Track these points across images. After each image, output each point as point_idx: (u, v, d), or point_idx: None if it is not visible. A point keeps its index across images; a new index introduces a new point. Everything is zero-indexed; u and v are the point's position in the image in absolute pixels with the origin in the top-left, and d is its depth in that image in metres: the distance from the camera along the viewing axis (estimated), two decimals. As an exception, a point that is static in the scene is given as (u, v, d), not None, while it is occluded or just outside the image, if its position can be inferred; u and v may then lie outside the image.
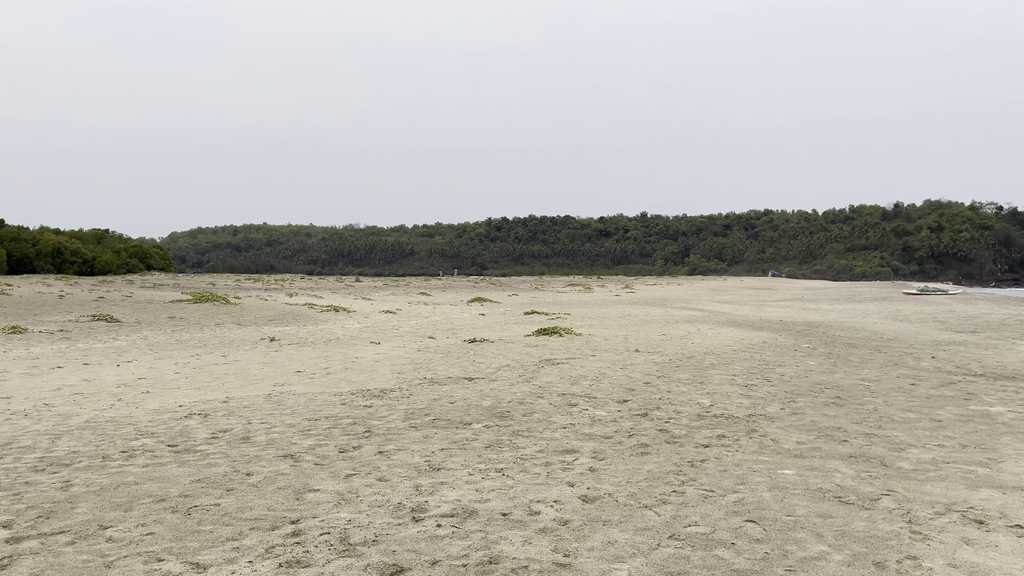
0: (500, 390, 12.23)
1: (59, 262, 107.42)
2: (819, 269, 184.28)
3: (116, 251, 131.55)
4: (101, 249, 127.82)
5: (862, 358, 17.90)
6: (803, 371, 15.46)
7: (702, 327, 26.57)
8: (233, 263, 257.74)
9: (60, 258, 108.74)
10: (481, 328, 25.50)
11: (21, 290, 40.50)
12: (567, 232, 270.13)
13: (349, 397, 11.57)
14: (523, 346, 19.11)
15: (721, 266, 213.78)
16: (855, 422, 10.57)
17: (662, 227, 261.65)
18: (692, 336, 22.78)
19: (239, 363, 15.74)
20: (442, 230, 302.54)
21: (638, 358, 16.86)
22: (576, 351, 18.00)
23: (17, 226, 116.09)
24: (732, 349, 19.21)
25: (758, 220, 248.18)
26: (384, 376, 13.71)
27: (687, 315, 33.94)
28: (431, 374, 13.95)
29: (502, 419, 10.14)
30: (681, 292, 66.52)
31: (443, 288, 64.31)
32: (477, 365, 15.14)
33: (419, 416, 10.19)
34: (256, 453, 8.15)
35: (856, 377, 14.76)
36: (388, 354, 17.31)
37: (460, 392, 12.02)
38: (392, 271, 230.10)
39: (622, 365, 15.63)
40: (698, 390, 12.83)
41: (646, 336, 22.56)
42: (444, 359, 16.24)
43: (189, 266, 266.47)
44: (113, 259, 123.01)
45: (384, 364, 15.40)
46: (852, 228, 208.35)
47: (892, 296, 62.67)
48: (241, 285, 63.40)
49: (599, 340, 20.91)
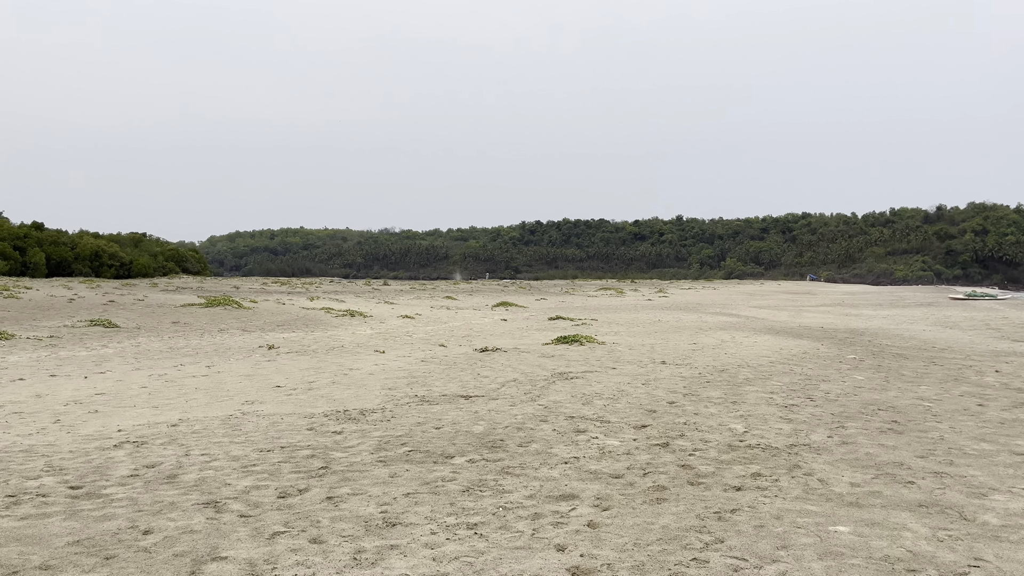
0: (498, 412, 10.56)
1: (97, 265, 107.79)
2: (858, 273, 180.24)
3: (153, 254, 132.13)
4: (138, 252, 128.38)
5: (916, 372, 15.99)
6: (851, 387, 13.62)
7: (737, 335, 24.70)
8: (270, 266, 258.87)
9: (98, 261, 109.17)
10: (499, 335, 23.86)
11: (36, 293, 39.59)
12: (601, 235, 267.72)
13: (321, 420, 9.97)
14: (538, 356, 17.43)
15: (758, 270, 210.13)
16: (919, 455, 8.77)
17: (698, 230, 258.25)
18: (725, 345, 20.95)
19: (220, 375, 14.24)
20: (476, 234, 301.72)
21: (664, 371, 15.11)
22: (595, 363, 16.28)
23: (56, 230, 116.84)
24: (769, 360, 17.38)
25: (796, 223, 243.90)
26: (372, 393, 12.10)
27: (721, 321, 32.03)
28: (425, 390, 12.32)
29: (492, 450, 8.47)
30: (716, 297, 64.40)
31: (470, 292, 62.76)
32: (480, 380, 13.49)
33: (393, 446, 8.56)
34: (174, 499, 6.56)
35: (913, 395, 12.89)
36: (388, 365, 15.72)
37: (451, 414, 10.37)
38: (426, 275, 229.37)
39: (645, 380, 13.89)
40: (730, 412, 11.07)
41: (675, 345, 20.77)
42: (446, 372, 14.61)
43: (227, 269, 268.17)
44: (150, 262, 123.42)
45: (377, 378, 13.80)
46: (893, 231, 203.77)
47: (938, 301, 60.07)
48: (266, 288, 62.35)
49: (623, 350, 19.17)
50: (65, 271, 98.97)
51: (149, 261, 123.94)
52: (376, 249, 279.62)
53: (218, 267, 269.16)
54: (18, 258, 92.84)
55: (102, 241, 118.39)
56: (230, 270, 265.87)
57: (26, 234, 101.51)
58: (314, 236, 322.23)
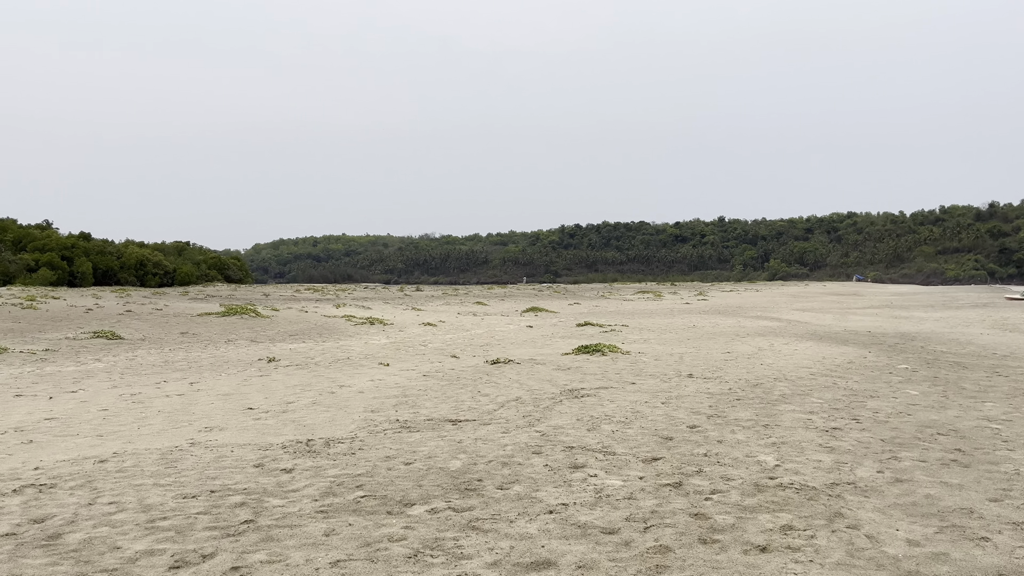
0: (486, 441, 9.07)
1: (142, 274, 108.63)
2: (907, 273, 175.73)
3: (196, 263, 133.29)
4: (182, 261, 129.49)
5: (979, 385, 14.18)
6: (903, 405, 11.91)
7: (776, 341, 22.93)
8: (312, 273, 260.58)
9: (143, 270, 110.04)
10: (519, 344, 22.38)
11: (59, 303, 39.00)
12: (642, 238, 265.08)
13: (276, 453, 8.56)
14: (552, 369, 15.90)
15: (802, 271, 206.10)
16: (992, 498, 7.12)
17: (740, 231, 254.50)
18: (763, 354, 19.24)
19: (197, 394, 12.93)
20: (515, 238, 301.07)
21: (689, 387, 13.49)
22: (614, 377, 14.71)
23: (103, 240, 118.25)
24: (810, 372, 15.66)
25: (841, 223, 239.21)
26: (350, 417, 10.67)
27: (761, 326, 30.19)
28: (412, 413, 10.86)
29: (464, 495, 6.99)
30: (758, 299, 62.22)
31: (502, 297, 61.30)
32: (479, 400, 11.99)
33: (345, 490, 7.11)
34: (34, 573, 5.17)
35: (977, 415, 11.15)
36: (385, 381, 14.32)
37: (430, 444, 8.90)
38: (466, 279, 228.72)
39: (666, 398, 12.30)
40: (761, 438, 9.46)
41: (707, 354, 19.10)
42: (445, 389, 13.14)
43: (271, 276, 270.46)
44: (193, 270, 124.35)
45: (366, 397, 12.38)
46: (943, 230, 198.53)
47: (993, 302, 57.30)
48: (296, 296, 61.53)
49: (647, 360, 17.57)
50: (111, 280, 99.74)
51: (192, 269, 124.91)
52: (416, 255, 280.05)
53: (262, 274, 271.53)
54: (65, 268, 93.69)
55: (147, 250, 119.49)
56: (274, 277, 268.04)
57: (73, 244, 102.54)
58: (356, 243, 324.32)
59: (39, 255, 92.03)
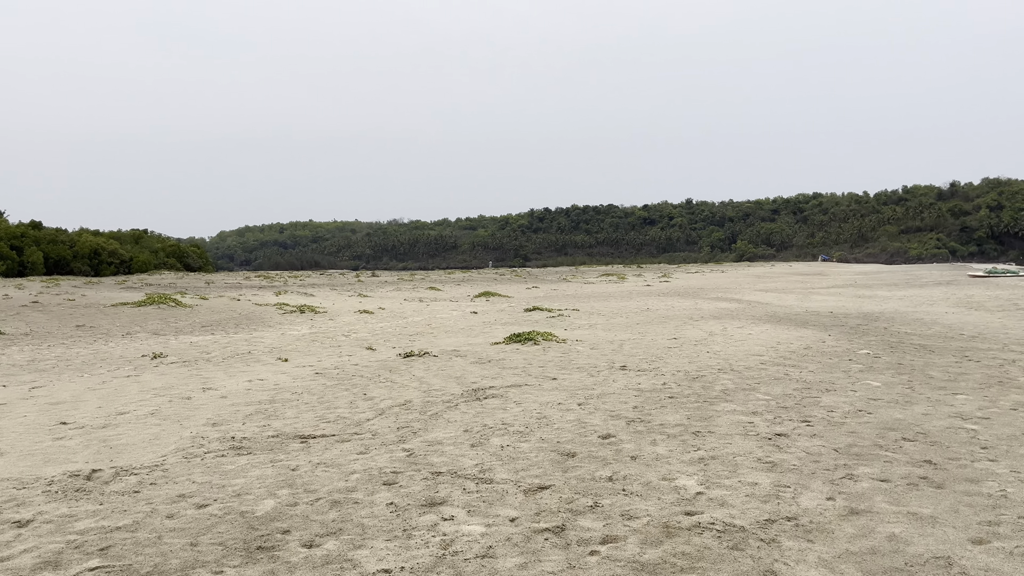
0: (330, 466, 7.05)
1: (96, 263, 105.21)
2: (872, 253, 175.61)
3: (154, 251, 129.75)
4: (139, 249, 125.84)
5: (948, 372, 12.39)
6: (863, 400, 10.06)
7: (730, 325, 21.10)
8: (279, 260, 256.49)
9: (97, 259, 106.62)
10: (454, 332, 20.38)
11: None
12: (610, 221, 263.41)
13: (33, 492, 6.41)
14: (471, 362, 13.91)
15: (769, 252, 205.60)
16: (976, 538, 5.27)
17: (708, 213, 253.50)
18: (712, 339, 17.38)
19: (24, 403, 10.78)
20: (484, 222, 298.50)
21: (618, 382, 11.55)
22: (536, 371, 12.74)
23: (55, 228, 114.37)
24: (761, 361, 13.79)
25: (807, 204, 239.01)
26: (179, 433, 8.57)
27: (718, 308, 28.41)
28: (261, 426, 8.78)
29: (249, 559, 4.97)
30: (722, 280, 60.64)
31: (459, 282, 59.13)
32: (357, 405, 9.96)
33: (77, 557, 5.04)
34: None
35: (948, 411, 9.32)
36: (266, 381, 12.26)
37: (252, 474, 6.86)
38: (435, 264, 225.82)
39: (585, 396, 10.34)
40: (687, 451, 7.54)
41: (651, 341, 17.21)
42: (327, 392, 11.09)
43: (237, 264, 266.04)
44: (151, 259, 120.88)
45: (222, 404, 10.29)
46: (906, 209, 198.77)
47: (957, 279, 56.12)
48: (241, 284, 58.99)
49: (582, 350, 15.63)
50: (64, 269, 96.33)
51: (150, 258, 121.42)
52: (385, 240, 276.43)
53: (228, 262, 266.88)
54: (15, 257, 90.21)
55: (101, 239, 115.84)
56: (240, 264, 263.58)
57: (23, 233, 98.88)
58: (323, 229, 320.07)
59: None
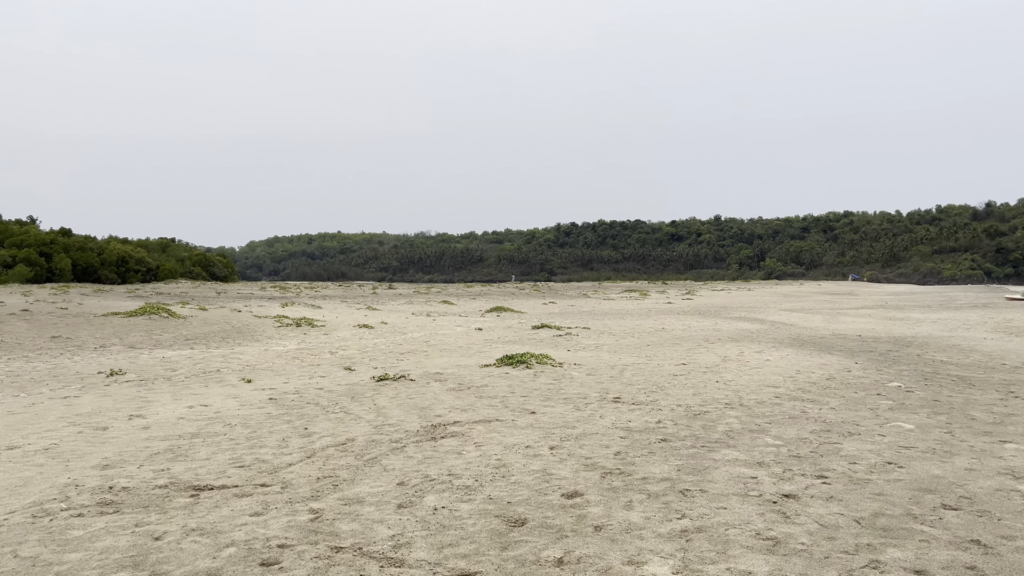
0: (205, 534, 5.56)
1: (123, 271, 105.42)
2: (904, 273, 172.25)
3: (180, 259, 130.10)
4: (165, 258, 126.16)
5: (992, 412, 10.70)
6: (893, 448, 8.43)
7: (748, 349, 19.44)
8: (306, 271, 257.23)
9: (124, 267, 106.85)
10: (449, 351, 18.90)
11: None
12: (637, 237, 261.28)
13: None
14: (447, 389, 12.40)
15: (798, 270, 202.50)
16: None
17: (736, 230, 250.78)
18: (725, 366, 15.74)
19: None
20: (511, 236, 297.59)
21: (605, 418, 9.98)
22: (516, 402, 11.19)
23: (84, 236, 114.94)
24: (775, 394, 12.15)
25: (837, 222, 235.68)
26: (57, 478, 7.08)
27: (738, 330, 26.69)
28: (159, 471, 7.29)
29: None
30: (747, 298, 58.70)
31: (475, 296, 57.65)
32: (288, 444, 8.44)
33: None
34: None
35: (997, 467, 7.68)
36: (208, 408, 10.82)
37: (99, 544, 5.37)
38: (461, 277, 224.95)
39: (562, 437, 8.79)
40: (668, 519, 5.98)
41: (657, 366, 15.61)
42: (264, 425, 9.61)
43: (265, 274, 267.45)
44: (177, 267, 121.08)
45: (135, 438, 8.82)
46: (940, 229, 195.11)
47: (993, 302, 53.77)
48: (254, 294, 57.88)
49: (577, 376, 14.06)
50: (91, 276, 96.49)
51: (176, 266, 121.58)
52: (411, 252, 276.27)
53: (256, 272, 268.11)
54: (44, 264, 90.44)
55: (129, 247, 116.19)
56: (268, 274, 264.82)
57: (52, 240, 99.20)
58: (351, 240, 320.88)
59: (16, 251, 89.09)
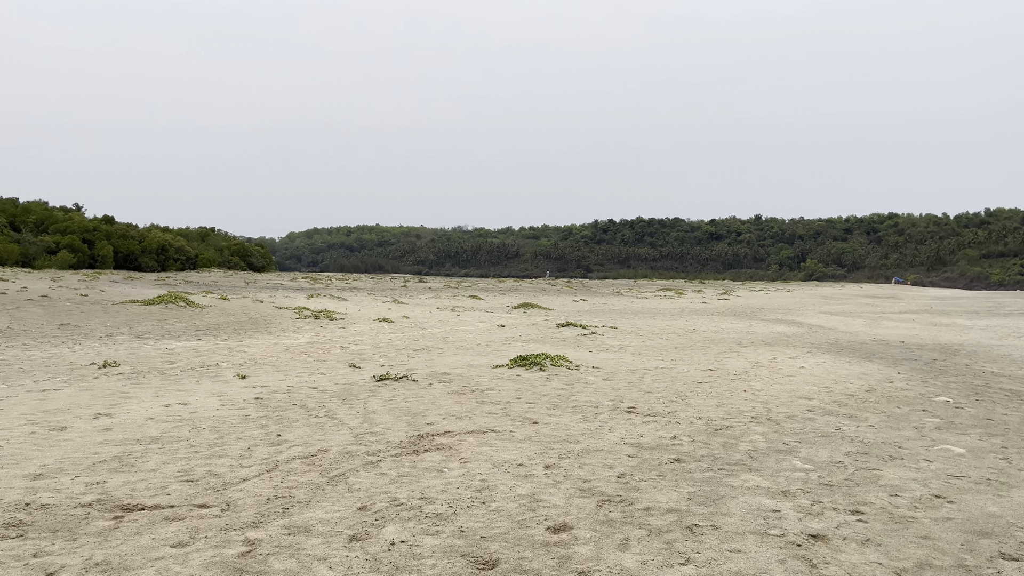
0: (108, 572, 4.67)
1: (163, 259, 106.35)
2: (949, 277, 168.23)
3: (219, 249, 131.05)
4: (204, 247, 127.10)
5: (1056, 437, 9.51)
6: (941, 477, 7.34)
7: (783, 354, 18.28)
8: (344, 263, 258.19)
9: (164, 255, 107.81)
10: (466, 348, 17.99)
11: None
12: (676, 235, 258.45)
13: None
14: (449, 392, 11.46)
15: (840, 272, 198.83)
16: None
17: (777, 230, 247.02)
18: (756, 373, 14.63)
19: None
20: (548, 232, 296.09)
21: (613, 432, 8.96)
22: (519, 409, 10.21)
23: (126, 224, 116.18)
24: (808, 407, 11.04)
25: (881, 224, 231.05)
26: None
27: (773, 333, 25.46)
28: (92, 484, 6.39)
29: None
30: (785, 300, 57.10)
31: (504, 292, 56.69)
32: (251, 456, 7.52)
33: None
34: None
35: (1066, 506, 6.56)
36: (187, 407, 10.00)
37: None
38: (497, 272, 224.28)
39: (560, 455, 7.79)
40: (666, 566, 4.97)
41: (681, 371, 14.54)
42: (235, 429, 8.72)
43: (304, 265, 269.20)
44: (215, 256, 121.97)
45: (83, 443, 7.95)
46: (988, 233, 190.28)
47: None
48: (283, 284, 57.49)
49: (592, 380, 13.04)
50: (132, 264, 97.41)
51: (214, 255, 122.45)
52: (448, 246, 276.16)
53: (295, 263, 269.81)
54: (86, 251, 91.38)
55: (169, 235, 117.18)
56: (307, 265, 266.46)
57: (95, 227, 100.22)
58: (389, 233, 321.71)
59: (60, 237, 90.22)
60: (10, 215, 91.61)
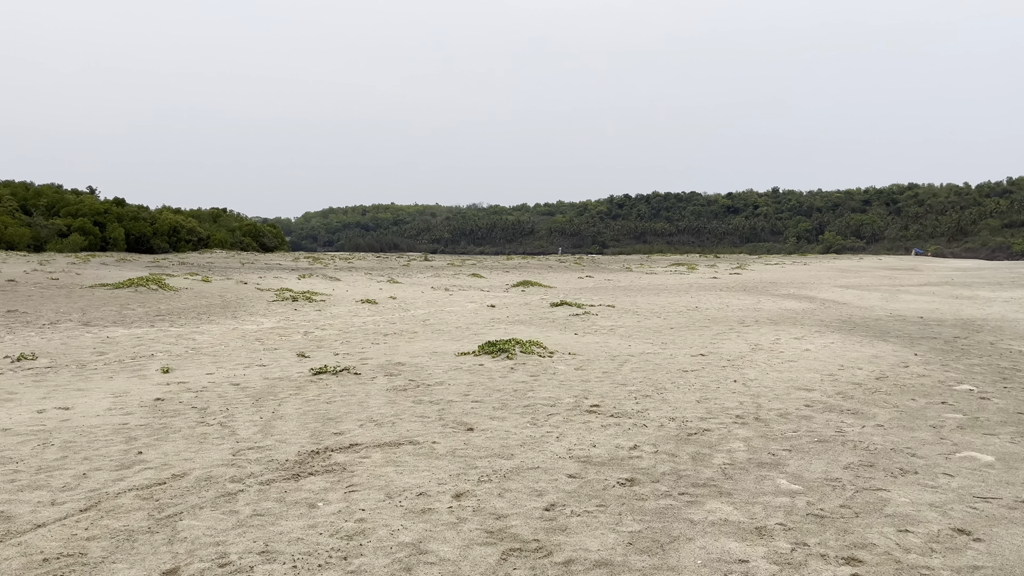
0: None
1: (175, 240, 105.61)
2: (971, 247, 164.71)
3: (231, 229, 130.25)
4: (216, 228, 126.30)
5: (1105, 439, 7.82)
6: (964, 500, 5.70)
7: (787, 334, 16.59)
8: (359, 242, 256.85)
9: (176, 236, 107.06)
10: (441, 331, 16.42)
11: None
12: (692, 209, 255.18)
13: None
14: (387, 388, 9.88)
15: (859, 244, 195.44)
16: None
17: (795, 203, 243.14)
18: (753, 358, 12.95)
19: None
20: (563, 208, 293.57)
21: (560, 442, 7.34)
22: (457, 413, 8.60)
23: (138, 205, 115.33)
24: (806, 401, 9.38)
25: (901, 195, 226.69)
26: None
27: (781, 309, 23.73)
28: None
29: None
30: (800, 273, 55.12)
31: (507, 269, 54.96)
32: (83, 483, 5.96)
33: None
34: None
35: None
36: (69, 410, 8.50)
37: None
38: (512, 249, 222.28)
39: (480, 477, 6.19)
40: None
41: (669, 357, 12.89)
42: (92, 445, 7.19)
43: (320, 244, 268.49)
44: (227, 237, 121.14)
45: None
46: (1011, 202, 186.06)
47: (1072, 279, 49.52)
48: (280, 265, 56.10)
49: (562, 370, 11.42)
50: (144, 246, 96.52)
51: (226, 236, 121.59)
52: (463, 224, 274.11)
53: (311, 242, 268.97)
54: (97, 233, 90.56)
55: (181, 217, 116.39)
56: (323, 245, 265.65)
57: (106, 210, 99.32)
58: (404, 212, 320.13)
59: (71, 220, 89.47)
60: (21, 198, 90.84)
